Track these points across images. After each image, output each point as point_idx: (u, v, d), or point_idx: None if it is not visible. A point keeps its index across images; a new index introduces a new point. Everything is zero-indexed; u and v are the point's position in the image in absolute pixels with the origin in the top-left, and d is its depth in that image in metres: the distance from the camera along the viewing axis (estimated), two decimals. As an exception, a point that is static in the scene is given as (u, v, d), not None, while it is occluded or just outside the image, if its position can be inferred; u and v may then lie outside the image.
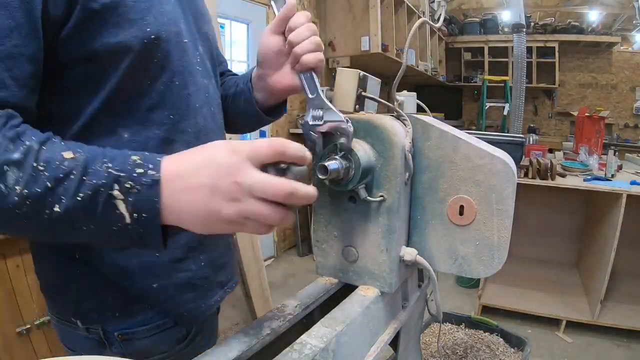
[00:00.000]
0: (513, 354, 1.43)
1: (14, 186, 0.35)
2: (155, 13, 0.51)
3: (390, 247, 0.52)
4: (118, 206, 0.36)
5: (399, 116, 0.55)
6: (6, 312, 1.29)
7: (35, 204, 0.35)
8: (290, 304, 0.54)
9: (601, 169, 2.37)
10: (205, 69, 0.62)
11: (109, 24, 0.47)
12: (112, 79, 0.49)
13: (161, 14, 0.52)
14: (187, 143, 0.56)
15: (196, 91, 0.58)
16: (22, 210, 0.35)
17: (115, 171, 0.37)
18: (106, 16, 0.46)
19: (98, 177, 0.36)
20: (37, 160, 0.36)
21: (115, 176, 0.37)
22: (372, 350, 0.52)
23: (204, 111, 0.60)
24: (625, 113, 5.54)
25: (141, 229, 0.38)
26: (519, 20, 2.65)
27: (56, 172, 0.36)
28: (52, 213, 0.36)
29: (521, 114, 2.75)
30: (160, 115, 0.54)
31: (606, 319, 2.17)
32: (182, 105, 0.56)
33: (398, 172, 0.51)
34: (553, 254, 2.82)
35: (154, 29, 0.50)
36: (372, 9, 3.38)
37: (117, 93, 0.50)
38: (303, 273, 3.12)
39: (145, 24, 0.50)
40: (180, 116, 0.56)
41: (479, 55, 5.88)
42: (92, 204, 0.36)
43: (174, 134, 0.55)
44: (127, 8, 0.48)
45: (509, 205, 0.50)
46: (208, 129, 0.61)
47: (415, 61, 4.27)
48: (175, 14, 0.55)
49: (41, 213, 0.36)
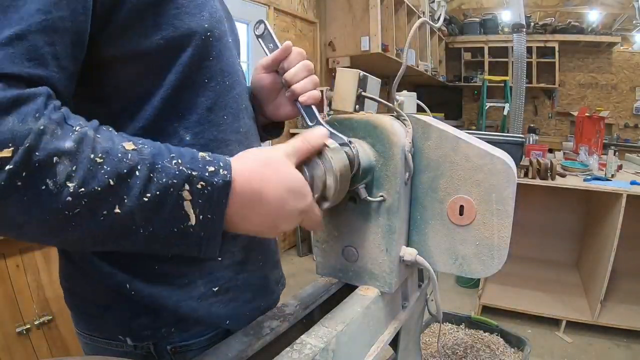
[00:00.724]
0: (513, 354, 1.43)
1: (65, 182, 0.28)
2: (210, 9, 0.50)
3: (390, 247, 0.52)
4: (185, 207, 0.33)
5: (399, 116, 0.55)
6: (6, 312, 1.29)
7: (91, 204, 0.29)
8: (290, 304, 0.54)
9: (601, 169, 2.37)
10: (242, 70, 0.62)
11: (169, 16, 0.44)
12: (171, 76, 0.46)
13: (215, 10, 0.51)
14: (239, 143, 0.55)
15: (242, 91, 0.58)
16: (74, 212, 0.29)
17: (187, 169, 0.34)
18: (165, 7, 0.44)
19: (168, 175, 0.32)
20: (95, 151, 0.30)
21: (187, 175, 0.33)
22: (372, 350, 0.52)
23: (249, 111, 0.60)
24: (625, 113, 5.55)
25: (202, 232, 0.35)
26: (519, 20, 2.65)
27: (118, 167, 0.30)
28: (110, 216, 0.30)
29: (521, 114, 2.75)
30: (217, 115, 0.52)
31: (606, 319, 2.16)
32: (233, 105, 0.55)
33: (398, 172, 0.51)
34: (553, 254, 2.82)
35: (209, 24, 0.49)
36: (372, 9, 3.38)
37: (176, 91, 0.47)
38: (303, 273, 3.12)
39: (203, 18, 0.48)
40: (233, 117, 0.55)
41: (479, 55, 5.88)
42: (159, 206, 0.32)
43: (229, 135, 0.54)
44: (187, 1, 0.46)
45: (509, 205, 0.50)
46: (253, 129, 0.60)
47: (415, 61, 4.27)
48: (221, 12, 0.54)
49: (96, 215, 0.30)
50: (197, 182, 0.34)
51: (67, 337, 1.44)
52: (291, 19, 3.34)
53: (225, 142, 0.53)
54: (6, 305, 1.29)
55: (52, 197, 0.28)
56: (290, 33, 3.34)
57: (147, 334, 0.52)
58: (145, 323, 0.51)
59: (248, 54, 3.00)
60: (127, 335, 0.52)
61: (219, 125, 0.52)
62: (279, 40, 0.58)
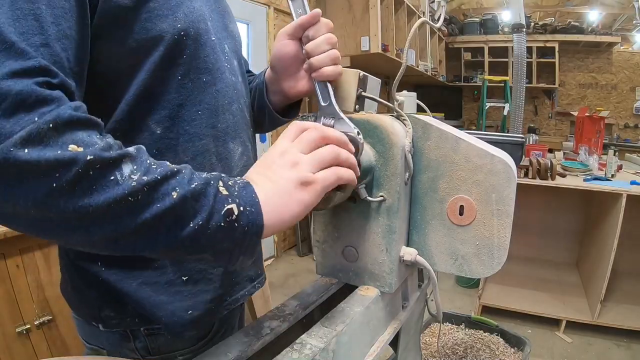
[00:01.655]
0: (513, 354, 1.43)
1: (130, 175, 0.34)
2: (185, 9, 0.51)
3: (390, 247, 0.52)
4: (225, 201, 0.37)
5: (399, 116, 0.55)
6: (6, 312, 1.29)
7: (151, 190, 0.34)
8: (290, 304, 0.54)
9: (601, 169, 2.37)
10: (233, 67, 0.63)
11: (140, 20, 0.47)
12: (142, 75, 0.49)
13: (191, 11, 0.52)
14: (215, 138, 0.57)
15: (224, 88, 0.58)
16: (136, 199, 0.33)
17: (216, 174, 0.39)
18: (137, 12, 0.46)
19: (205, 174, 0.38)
20: (149, 158, 0.37)
21: (218, 176, 0.39)
22: (372, 350, 0.52)
23: (233, 108, 0.61)
24: (625, 113, 5.55)
25: (246, 227, 0.38)
26: (519, 20, 2.65)
27: (167, 169, 0.36)
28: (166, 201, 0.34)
29: (521, 114, 2.75)
30: (190, 111, 0.54)
31: (606, 319, 2.16)
32: (211, 101, 0.56)
33: (398, 172, 0.51)
34: (553, 254, 2.82)
35: (183, 25, 0.51)
36: (372, 9, 3.38)
37: (146, 89, 0.50)
38: (303, 273, 3.12)
39: (177, 19, 0.50)
40: (210, 112, 0.56)
41: (479, 55, 5.88)
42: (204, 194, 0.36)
43: (205, 129, 0.56)
44: (159, 4, 0.48)
45: (509, 205, 0.50)
46: (237, 125, 0.61)
47: (415, 61, 4.27)
48: (203, 11, 0.56)
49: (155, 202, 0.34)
50: (228, 180, 0.39)
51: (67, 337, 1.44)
52: (291, 19, 3.34)
53: (198, 136, 0.55)
54: (6, 305, 1.29)
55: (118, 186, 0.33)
56: (290, 33, 3.34)
57: (113, 322, 0.56)
58: (112, 315, 0.55)
59: (248, 53, 2.99)
60: (99, 322, 0.56)
61: (191, 120, 0.54)
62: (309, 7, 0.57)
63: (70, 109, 0.33)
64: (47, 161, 0.30)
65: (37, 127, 0.31)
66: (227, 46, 0.62)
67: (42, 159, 0.30)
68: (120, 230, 0.34)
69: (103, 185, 0.32)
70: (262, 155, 0.46)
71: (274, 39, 3.14)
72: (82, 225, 0.33)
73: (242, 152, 0.62)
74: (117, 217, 0.33)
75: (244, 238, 0.38)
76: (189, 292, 0.56)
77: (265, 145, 3.30)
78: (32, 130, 0.30)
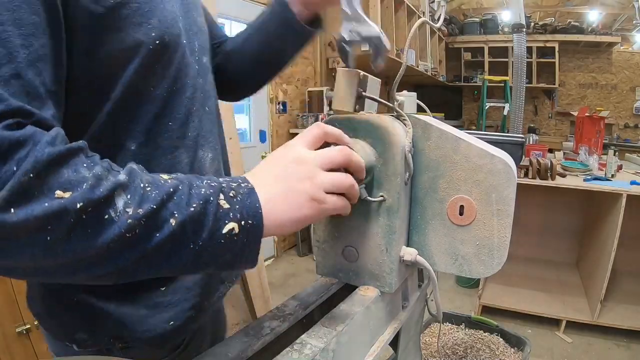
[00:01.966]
0: (513, 354, 1.43)
1: (124, 209, 0.32)
2: (160, 15, 0.48)
3: (390, 247, 0.52)
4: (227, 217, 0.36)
5: (399, 116, 0.55)
6: (6, 312, 1.29)
7: (149, 222, 0.33)
8: (290, 304, 0.54)
9: (601, 169, 2.37)
10: (201, 65, 0.59)
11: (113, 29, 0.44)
12: (117, 89, 0.46)
13: (165, 15, 0.49)
14: (187, 149, 0.55)
15: (193, 93, 0.56)
16: (134, 233, 0.32)
17: (217, 183, 0.37)
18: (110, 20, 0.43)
19: (204, 188, 0.36)
20: (142, 181, 0.34)
21: (219, 186, 0.37)
22: (372, 350, 0.52)
23: (200, 112, 0.58)
24: (625, 113, 5.54)
25: (245, 239, 0.37)
26: (519, 20, 2.65)
27: (164, 188, 0.34)
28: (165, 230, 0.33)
29: (521, 114, 2.75)
30: (161, 123, 0.52)
31: (606, 319, 2.17)
32: (182, 110, 0.54)
33: (398, 172, 0.51)
34: (553, 254, 2.82)
35: (158, 32, 0.47)
36: (372, 9, 3.38)
37: (121, 103, 0.47)
38: (303, 273, 3.12)
39: (151, 27, 0.46)
40: (180, 123, 0.54)
41: (479, 55, 5.88)
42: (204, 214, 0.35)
43: (176, 141, 0.54)
44: (132, 10, 0.44)
45: (509, 205, 0.50)
46: (205, 129, 0.59)
47: (415, 61, 4.27)
48: (175, 12, 0.52)
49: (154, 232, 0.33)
50: (229, 191, 0.37)
51: (67, 337, 1.44)
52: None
53: (170, 149, 0.53)
54: (6, 305, 1.29)
55: (113, 225, 0.31)
56: (290, 33, 3.34)
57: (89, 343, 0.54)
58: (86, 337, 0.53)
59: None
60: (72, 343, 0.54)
61: (164, 133, 0.52)
62: None
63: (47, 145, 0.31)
64: (37, 218, 0.29)
65: (18, 181, 0.29)
66: (197, 43, 0.59)
67: (30, 217, 0.29)
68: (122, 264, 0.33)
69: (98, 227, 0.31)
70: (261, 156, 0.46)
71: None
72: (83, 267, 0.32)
73: (212, 158, 0.61)
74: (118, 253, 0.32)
75: (244, 249, 0.38)
76: (169, 302, 0.55)
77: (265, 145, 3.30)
78: (13, 187, 0.28)
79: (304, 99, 3.55)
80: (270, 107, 3.23)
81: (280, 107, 3.33)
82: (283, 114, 3.37)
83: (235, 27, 2.91)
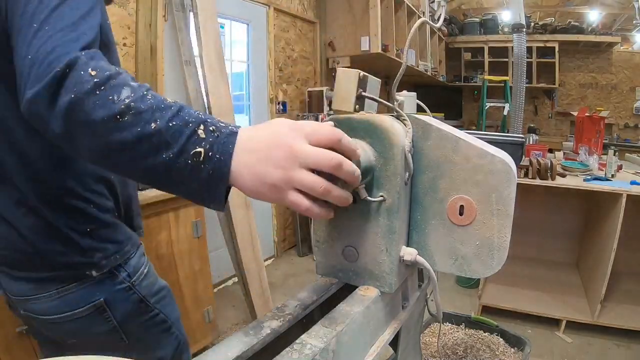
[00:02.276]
0: (513, 354, 1.43)
1: (124, 99, 0.41)
2: None
3: (390, 247, 0.52)
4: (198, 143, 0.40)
5: (399, 116, 0.55)
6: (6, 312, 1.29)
7: (135, 116, 0.40)
8: (290, 304, 0.54)
9: (601, 169, 2.37)
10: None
11: None
12: None
13: None
14: None
15: None
16: (123, 119, 0.40)
17: (205, 117, 0.43)
18: None
19: (190, 115, 0.42)
20: (147, 92, 0.43)
21: (204, 119, 0.42)
22: (372, 350, 0.52)
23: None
24: (625, 113, 5.55)
25: (211, 170, 0.41)
26: (519, 20, 2.65)
27: (159, 102, 0.42)
28: (146, 129, 0.40)
29: (521, 114, 2.75)
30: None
31: (606, 319, 2.16)
32: None
33: (398, 172, 0.51)
34: (553, 254, 2.82)
35: None
36: (372, 9, 3.38)
37: None
38: (303, 273, 3.12)
39: None
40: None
41: (479, 55, 5.88)
42: (179, 133, 0.40)
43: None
44: None
45: (509, 205, 0.50)
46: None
47: (415, 61, 4.27)
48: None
49: (136, 126, 0.40)
50: (210, 126, 0.42)
51: (67, 337, 1.44)
52: (291, 19, 3.34)
53: None
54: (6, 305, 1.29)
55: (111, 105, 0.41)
56: (290, 33, 3.34)
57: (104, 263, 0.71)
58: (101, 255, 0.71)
59: (248, 54, 3.00)
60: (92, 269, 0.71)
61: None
62: None
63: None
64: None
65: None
66: None
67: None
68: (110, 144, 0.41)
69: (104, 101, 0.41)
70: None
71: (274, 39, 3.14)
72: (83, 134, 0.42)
73: None
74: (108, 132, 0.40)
75: (210, 182, 0.41)
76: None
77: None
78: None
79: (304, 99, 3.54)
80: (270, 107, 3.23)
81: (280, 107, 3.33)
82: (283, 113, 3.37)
83: (235, 27, 2.91)
